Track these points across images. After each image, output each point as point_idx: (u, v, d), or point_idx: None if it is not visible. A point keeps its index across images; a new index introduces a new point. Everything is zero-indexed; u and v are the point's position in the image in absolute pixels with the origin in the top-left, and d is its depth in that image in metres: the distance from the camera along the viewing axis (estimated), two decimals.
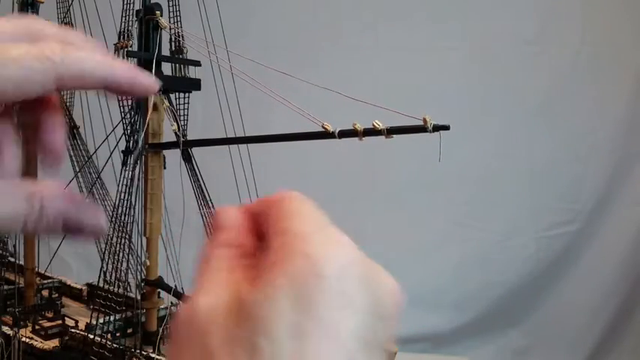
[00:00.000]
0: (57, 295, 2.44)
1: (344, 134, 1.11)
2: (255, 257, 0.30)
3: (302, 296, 0.25)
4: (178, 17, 1.96)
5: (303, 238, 0.28)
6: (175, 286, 1.98)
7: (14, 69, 0.30)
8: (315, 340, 0.25)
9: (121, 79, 0.33)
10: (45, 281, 2.45)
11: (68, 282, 2.52)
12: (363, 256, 0.28)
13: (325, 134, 1.20)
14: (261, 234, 0.31)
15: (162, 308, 2.01)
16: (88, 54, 0.33)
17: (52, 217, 0.33)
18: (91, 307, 2.08)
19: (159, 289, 1.97)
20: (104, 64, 0.33)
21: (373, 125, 0.89)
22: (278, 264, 0.27)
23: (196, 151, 1.98)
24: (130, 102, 1.89)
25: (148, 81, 0.34)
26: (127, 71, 0.34)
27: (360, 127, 0.98)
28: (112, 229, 2.00)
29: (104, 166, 2.14)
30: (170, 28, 1.90)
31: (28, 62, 0.31)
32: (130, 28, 1.92)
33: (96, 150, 2.19)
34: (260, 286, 0.26)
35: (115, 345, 1.85)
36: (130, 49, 1.89)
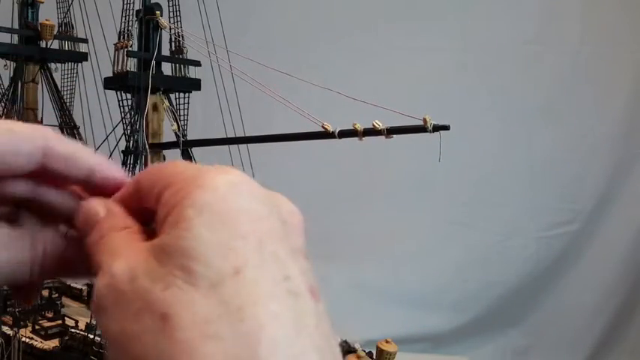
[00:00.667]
0: (57, 295, 2.44)
1: (344, 134, 1.11)
2: (146, 231, 0.30)
3: (214, 220, 0.26)
4: (178, 17, 1.96)
5: (190, 178, 0.28)
6: None
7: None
8: (241, 253, 0.26)
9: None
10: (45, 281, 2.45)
11: (68, 282, 2.52)
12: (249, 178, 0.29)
13: (325, 134, 1.20)
14: (141, 215, 0.31)
15: None
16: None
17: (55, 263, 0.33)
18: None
19: None
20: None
21: (373, 125, 0.89)
22: (178, 205, 0.27)
23: (196, 151, 1.98)
24: (130, 102, 1.89)
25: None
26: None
27: (360, 127, 0.97)
28: None
29: None
30: (170, 28, 1.90)
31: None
32: (130, 28, 1.92)
33: (96, 150, 2.19)
34: (169, 228, 0.27)
35: None
36: (130, 49, 1.89)
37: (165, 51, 1.97)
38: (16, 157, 0.31)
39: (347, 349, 1.69)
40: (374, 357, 1.57)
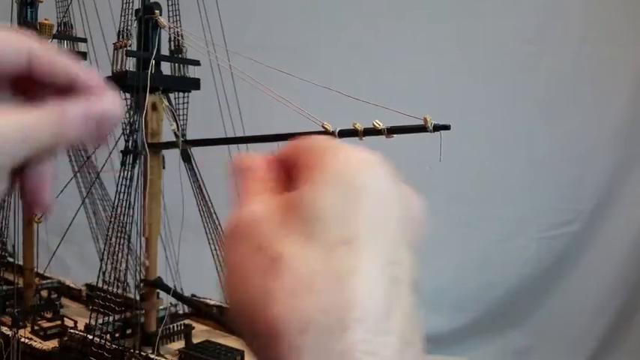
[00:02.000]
0: (56, 295, 2.43)
1: (344, 134, 1.11)
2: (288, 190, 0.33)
3: (342, 189, 0.29)
4: (178, 16, 1.96)
5: (328, 148, 0.32)
6: (175, 286, 1.97)
7: None
8: (358, 226, 0.28)
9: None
10: (44, 282, 2.45)
11: (67, 282, 2.52)
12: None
13: (325, 134, 1.20)
14: (289, 179, 0.34)
15: (162, 309, 2.00)
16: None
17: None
18: (90, 307, 2.07)
19: (158, 290, 1.96)
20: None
21: (373, 125, 0.89)
22: (312, 168, 0.30)
23: (195, 151, 1.97)
24: (129, 101, 1.89)
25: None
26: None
27: (360, 126, 0.97)
28: (111, 230, 1.99)
29: (103, 165, 2.14)
30: (169, 28, 1.89)
31: None
32: (129, 27, 1.91)
33: (95, 150, 2.19)
34: (301, 186, 0.30)
35: (114, 346, 1.84)
36: (129, 48, 1.88)
37: (165, 50, 1.96)
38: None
39: None
40: None
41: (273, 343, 0.27)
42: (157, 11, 1.86)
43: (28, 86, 0.34)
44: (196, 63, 1.93)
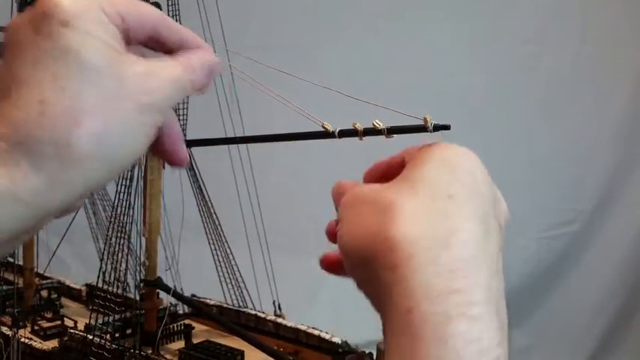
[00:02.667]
0: (56, 295, 2.43)
1: (344, 134, 1.10)
2: None
3: (445, 166, 0.38)
4: (178, 16, 1.96)
5: (434, 144, 0.41)
6: (175, 286, 1.97)
7: None
8: (457, 189, 0.36)
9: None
10: (44, 281, 2.45)
11: (67, 282, 2.51)
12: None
13: (325, 134, 1.19)
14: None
15: (162, 309, 2.00)
16: None
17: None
18: (90, 307, 2.08)
19: (158, 290, 1.96)
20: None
21: (373, 125, 0.88)
22: (421, 154, 0.39)
23: (195, 151, 1.97)
24: None
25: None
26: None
27: (360, 126, 0.96)
28: (110, 230, 1.99)
29: None
30: None
31: None
32: None
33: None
34: (411, 164, 0.39)
35: (114, 346, 1.84)
36: None
37: None
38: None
39: (347, 349, 1.69)
40: (374, 357, 1.56)
41: (389, 256, 0.33)
42: None
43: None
44: None
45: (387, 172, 0.44)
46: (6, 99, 0.34)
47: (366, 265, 0.35)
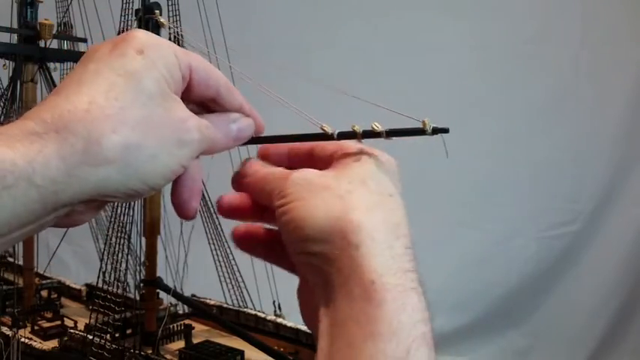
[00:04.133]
0: (56, 295, 2.43)
1: (343, 136, 1.10)
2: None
3: (380, 167, 0.45)
4: (178, 16, 1.96)
5: (375, 149, 0.48)
6: (175, 286, 1.98)
7: None
8: (393, 188, 0.44)
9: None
10: (44, 281, 2.45)
11: (67, 282, 2.52)
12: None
13: (324, 136, 1.19)
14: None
15: (162, 309, 2.00)
16: None
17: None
18: (90, 307, 2.08)
19: (158, 290, 1.97)
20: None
21: (372, 127, 0.88)
22: (344, 158, 0.47)
23: None
24: None
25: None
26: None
27: (358, 128, 0.96)
28: (110, 230, 2.00)
29: None
30: (169, 28, 1.89)
31: None
32: (129, 27, 1.92)
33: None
34: (354, 163, 0.46)
35: (114, 346, 1.84)
36: None
37: None
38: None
39: None
40: None
41: (354, 236, 0.39)
42: (157, 11, 1.86)
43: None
44: None
45: (292, 157, 0.52)
46: (59, 94, 0.38)
47: (328, 241, 0.39)
